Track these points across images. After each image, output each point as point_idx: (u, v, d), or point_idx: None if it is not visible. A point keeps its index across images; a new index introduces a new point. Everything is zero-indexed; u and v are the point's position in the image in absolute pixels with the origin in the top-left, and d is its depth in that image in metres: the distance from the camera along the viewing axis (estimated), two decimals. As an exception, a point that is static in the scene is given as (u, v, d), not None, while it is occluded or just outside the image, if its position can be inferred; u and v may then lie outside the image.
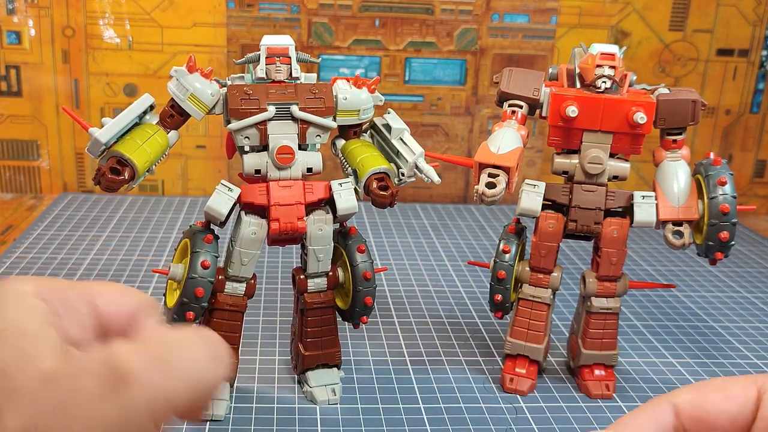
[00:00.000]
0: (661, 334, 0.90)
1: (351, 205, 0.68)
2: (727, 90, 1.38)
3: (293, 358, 0.75)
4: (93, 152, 0.64)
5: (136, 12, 1.25)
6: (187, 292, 0.64)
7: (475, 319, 0.92)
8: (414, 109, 1.34)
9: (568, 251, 1.16)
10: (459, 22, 1.30)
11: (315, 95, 0.67)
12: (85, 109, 1.29)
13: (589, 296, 0.75)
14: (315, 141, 0.68)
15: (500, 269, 0.74)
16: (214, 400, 0.68)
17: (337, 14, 1.28)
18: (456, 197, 1.40)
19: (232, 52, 1.28)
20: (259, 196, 0.66)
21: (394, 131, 0.70)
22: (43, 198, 1.30)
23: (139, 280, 0.97)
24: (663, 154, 0.73)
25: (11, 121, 1.29)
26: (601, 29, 1.33)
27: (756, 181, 1.45)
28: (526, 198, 0.72)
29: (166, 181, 1.34)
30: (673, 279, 1.07)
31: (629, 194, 0.72)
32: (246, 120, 0.65)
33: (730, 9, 1.34)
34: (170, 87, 0.66)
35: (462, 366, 0.81)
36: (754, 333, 0.92)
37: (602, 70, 0.70)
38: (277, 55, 0.66)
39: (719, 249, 0.69)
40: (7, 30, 1.24)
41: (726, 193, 0.69)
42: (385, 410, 0.72)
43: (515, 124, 0.72)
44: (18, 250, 1.05)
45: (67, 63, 1.26)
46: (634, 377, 0.80)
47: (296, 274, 0.71)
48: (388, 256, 1.10)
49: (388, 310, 0.92)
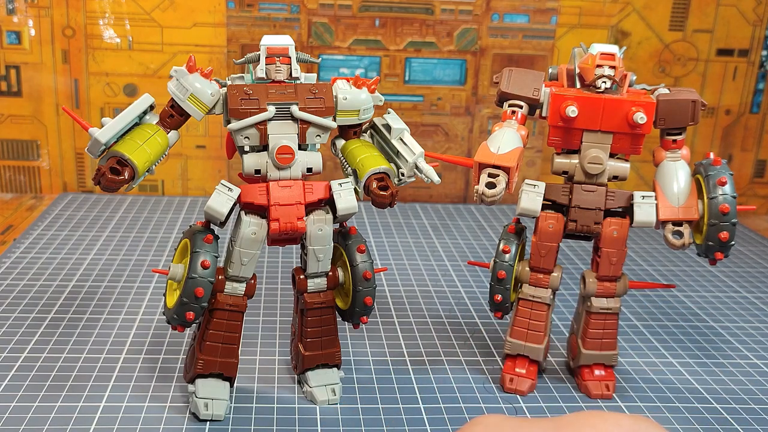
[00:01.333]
0: (661, 334, 0.90)
1: (351, 205, 0.68)
2: (727, 90, 1.38)
3: (293, 358, 0.75)
4: (93, 152, 0.64)
5: (136, 12, 1.25)
6: (187, 292, 0.64)
7: (475, 319, 0.92)
8: (414, 109, 1.34)
9: (568, 251, 1.16)
10: (459, 22, 1.30)
11: (315, 95, 0.67)
12: (85, 109, 1.29)
13: (589, 296, 0.75)
14: (315, 141, 0.68)
15: (500, 269, 0.74)
16: (215, 400, 0.69)
17: (337, 14, 1.28)
18: (456, 197, 1.40)
19: (232, 52, 1.28)
20: (259, 196, 0.66)
21: (394, 131, 0.70)
22: (43, 198, 1.30)
23: (139, 280, 0.97)
24: (663, 154, 0.73)
25: (11, 121, 1.29)
26: (601, 29, 1.33)
27: (756, 181, 1.45)
28: (526, 198, 0.72)
29: (166, 181, 1.34)
30: (673, 279, 1.07)
31: (629, 194, 0.73)
32: (246, 120, 0.65)
33: (730, 9, 1.34)
34: (170, 87, 0.66)
35: (462, 366, 0.81)
36: (754, 333, 0.92)
37: (602, 70, 0.70)
38: (277, 55, 0.66)
39: (719, 249, 0.69)
40: (7, 30, 1.24)
41: (726, 193, 0.69)
42: (385, 410, 0.72)
43: (515, 124, 0.72)
44: (18, 250, 1.05)
45: (67, 63, 1.26)
46: (634, 377, 0.80)
47: (296, 274, 0.71)
48: (388, 256, 1.10)
49: (388, 310, 0.93)
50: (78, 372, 0.75)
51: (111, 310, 0.89)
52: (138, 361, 0.78)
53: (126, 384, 0.74)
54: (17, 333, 0.82)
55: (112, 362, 0.77)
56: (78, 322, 0.85)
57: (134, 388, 0.73)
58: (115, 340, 0.82)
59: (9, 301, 0.89)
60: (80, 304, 0.90)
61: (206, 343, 0.69)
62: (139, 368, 0.77)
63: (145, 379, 0.75)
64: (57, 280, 0.96)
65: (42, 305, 0.89)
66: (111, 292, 0.93)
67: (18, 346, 0.79)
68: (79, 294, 0.92)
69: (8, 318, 0.85)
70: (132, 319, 0.87)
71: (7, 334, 0.82)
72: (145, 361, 0.78)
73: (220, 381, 0.70)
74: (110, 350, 0.80)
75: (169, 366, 0.77)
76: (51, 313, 0.87)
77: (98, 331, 0.84)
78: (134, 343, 0.81)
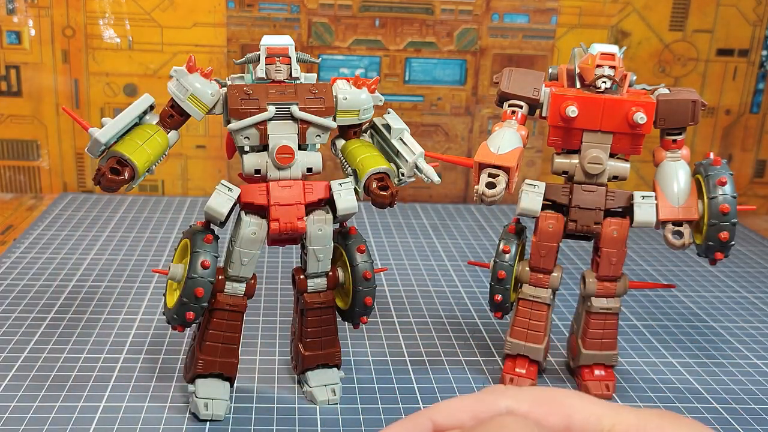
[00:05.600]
0: (661, 334, 0.90)
1: (351, 205, 0.68)
2: (727, 90, 1.38)
3: (293, 358, 0.75)
4: (93, 152, 0.64)
5: (136, 12, 1.25)
6: (187, 292, 0.64)
7: (475, 319, 0.92)
8: (414, 109, 1.34)
9: (568, 251, 1.16)
10: (459, 22, 1.30)
11: (315, 95, 0.67)
12: (85, 109, 1.29)
13: (589, 296, 0.75)
14: (315, 141, 0.68)
15: (500, 269, 0.74)
16: (214, 400, 0.69)
17: (337, 14, 1.28)
18: (456, 197, 1.40)
19: (232, 52, 1.28)
20: (259, 196, 0.66)
21: (394, 131, 0.70)
22: (43, 198, 1.30)
23: (139, 280, 0.97)
24: (663, 154, 0.73)
25: (11, 121, 1.29)
26: (601, 29, 1.33)
27: (756, 181, 1.45)
28: (526, 198, 0.72)
29: (166, 181, 1.34)
30: (673, 279, 1.07)
31: (629, 194, 0.72)
32: (246, 120, 0.65)
33: (730, 9, 1.34)
34: (170, 87, 0.66)
35: (462, 366, 0.81)
36: (754, 333, 0.92)
37: (602, 70, 0.70)
38: (277, 55, 0.66)
39: (719, 249, 0.69)
40: (7, 30, 1.24)
41: (726, 193, 0.69)
42: (385, 410, 0.72)
43: (515, 124, 0.72)
44: (18, 250, 1.05)
45: (67, 63, 1.26)
46: (634, 377, 0.80)
47: (296, 274, 0.71)
48: (388, 256, 1.10)
49: (388, 310, 0.92)
50: (78, 372, 0.75)
51: (111, 310, 0.89)
52: (138, 361, 0.78)
53: (126, 384, 0.74)
54: (17, 333, 0.82)
55: (112, 362, 0.77)
56: (78, 322, 0.85)
57: (134, 388, 0.73)
58: (115, 340, 0.82)
59: (9, 301, 0.89)
60: (80, 304, 0.90)
61: (206, 343, 0.69)
62: (139, 368, 0.77)
63: (145, 379, 0.75)
64: (57, 280, 0.96)
65: (42, 305, 0.89)
66: (111, 292, 0.93)
67: (18, 346, 0.79)
68: (79, 294, 0.92)
69: (8, 318, 0.85)
70: (132, 319, 0.87)
71: (7, 334, 0.82)
72: (145, 361, 0.78)
73: (220, 381, 0.70)
74: (110, 350, 0.80)
75: (169, 366, 0.77)
76: (51, 313, 0.87)
77: (98, 331, 0.84)
78: (134, 343, 0.81)
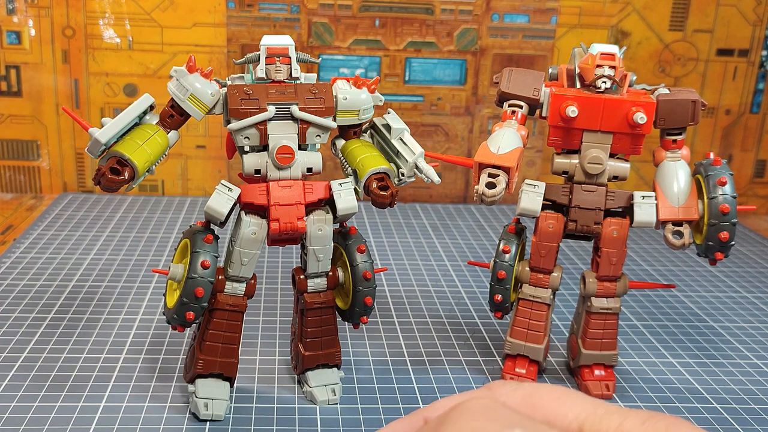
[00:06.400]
0: (661, 334, 0.90)
1: (351, 205, 0.68)
2: (727, 90, 1.38)
3: (293, 358, 0.75)
4: (93, 152, 0.64)
5: (136, 12, 1.25)
6: (187, 292, 0.64)
7: (475, 319, 0.92)
8: (414, 109, 1.34)
9: (568, 251, 1.16)
10: (459, 22, 1.30)
11: (315, 95, 0.67)
12: (85, 109, 1.29)
13: (589, 296, 0.75)
14: (315, 141, 0.68)
15: (500, 269, 0.74)
16: (214, 400, 0.69)
17: (337, 14, 1.28)
18: (456, 197, 1.40)
19: (232, 52, 1.28)
20: (259, 196, 0.66)
21: (394, 131, 0.70)
22: (43, 198, 1.30)
23: (139, 280, 0.97)
24: (663, 154, 0.73)
25: (11, 121, 1.29)
26: (601, 29, 1.33)
27: (756, 181, 1.45)
28: (526, 198, 0.72)
29: (166, 181, 1.34)
30: (673, 279, 1.07)
31: (629, 194, 0.72)
32: (246, 120, 0.65)
33: (730, 9, 1.34)
34: (170, 87, 0.66)
35: (462, 366, 0.81)
36: (754, 333, 0.92)
37: (602, 70, 0.70)
38: (277, 55, 0.66)
39: (719, 249, 0.69)
40: (7, 30, 1.24)
41: (726, 193, 0.69)
42: (385, 410, 0.72)
43: (515, 124, 0.72)
44: (18, 250, 1.05)
45: (67, 63, 1.26)
46: (634, 377, 0.80)
47: (296, 274, 0.71)
48: (388, 256, 1.10)
49: (388, 310, 0.92)
50: (78, 372, 0.75)
51: (111, 310, 0.89)
52: (138, 361, 0.78)
53: (126, 384, 0.74)
54: (17, 333, 0.82)
55: (112, 362, 0.77)
56: (78, 322, 0.85)
57: (134, 388, 0.73)
58: (115, 340, 0.82)
59: (9, 301, 0.89)
60: (80, 304, 0.90)
61: (206, 343, 0.69)
62: (139, 368, 0.77)
63: (145, 379, 0.75)
64: (57, 280, 0.96)
65: (42, 305, 0.89)
66: (111, 292, 0.93)
67: (18, 346, 0.79)
68: (79, 294, 0.92)
69: (8, 318, 0.85)
70: (132, 319, 0.87)
71: (7, 334, 0.82)
72: (145, 361, 0.78)
73: (220, 381, 0.70)
74: (110, 350, 0.80)
75: (169, 366, 0.77)
76: (51, 313, 0.87)
77: (98, 331, 0.84)
78: (134, 343, 0.81)
